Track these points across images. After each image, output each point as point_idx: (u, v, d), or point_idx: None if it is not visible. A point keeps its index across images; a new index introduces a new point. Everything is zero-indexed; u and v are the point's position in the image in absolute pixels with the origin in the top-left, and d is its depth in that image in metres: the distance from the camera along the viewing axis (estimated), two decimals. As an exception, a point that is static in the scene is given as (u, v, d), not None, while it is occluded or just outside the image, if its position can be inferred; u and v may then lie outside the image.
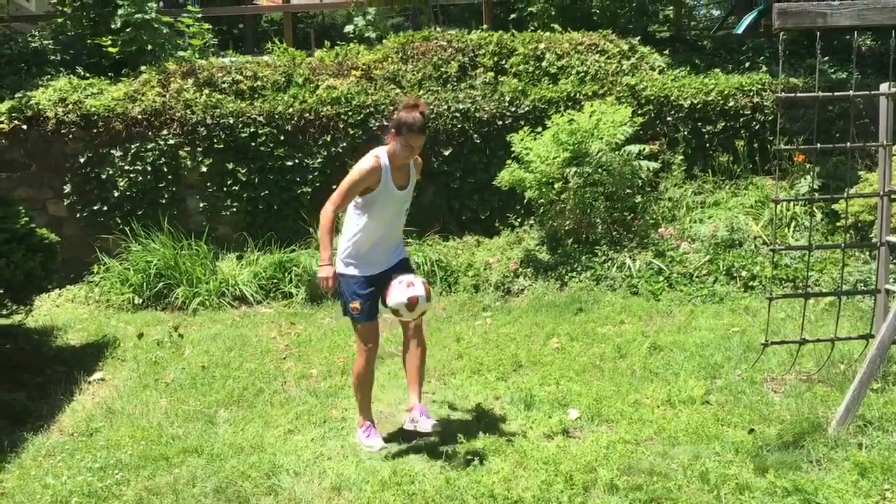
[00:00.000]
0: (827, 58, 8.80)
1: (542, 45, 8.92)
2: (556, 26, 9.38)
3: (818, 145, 4.32)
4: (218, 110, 8.24)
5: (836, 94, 4.59)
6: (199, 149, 8.22)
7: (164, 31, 9.45)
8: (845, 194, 4.83)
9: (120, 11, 8.93)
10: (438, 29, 10.00)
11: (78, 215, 8.26)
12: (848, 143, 4.50)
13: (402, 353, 4.44)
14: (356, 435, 4.37)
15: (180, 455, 4.23)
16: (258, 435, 4.46)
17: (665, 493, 3.52)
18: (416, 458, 4.10)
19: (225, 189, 8.26)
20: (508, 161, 7.74)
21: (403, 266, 4.34)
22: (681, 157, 8.18)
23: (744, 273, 6.85)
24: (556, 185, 7.44)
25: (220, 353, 6.02)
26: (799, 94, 5.00)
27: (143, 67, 8.78)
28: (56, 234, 6.28)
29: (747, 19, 11.12)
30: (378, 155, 4.10)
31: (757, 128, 8.31)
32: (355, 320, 4.24)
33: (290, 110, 8.27)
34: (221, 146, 8.20)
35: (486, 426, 4.40)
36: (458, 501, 3.58)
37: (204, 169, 8.22)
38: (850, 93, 4.39)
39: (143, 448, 4.35)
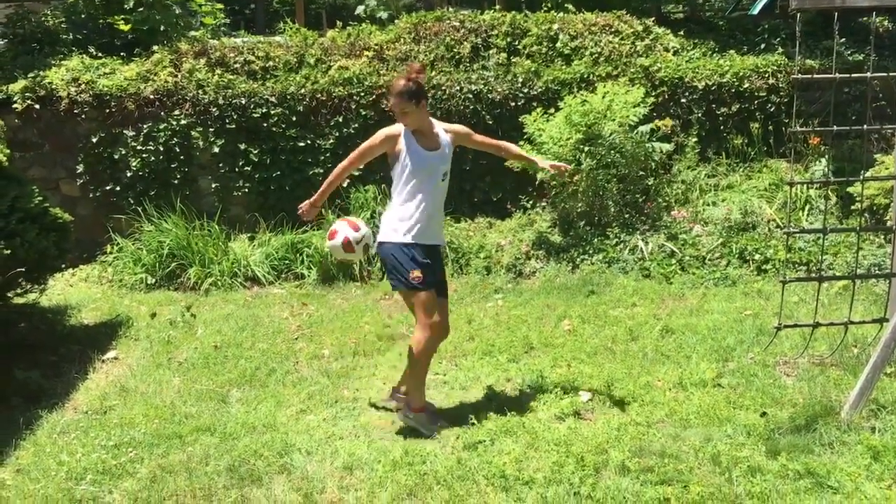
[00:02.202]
0: (843, 39, 8.70)
1: (555, 26, 8.86)
2: (570, 6, 9.31)
3: (834, 127, 4.28)
4: (230, 90, 8.23)
5: (853, 75, 4.54)
6: (212, 129, 8.22)
7: (176, 10, 9.42)
8: (861, 177, 4.78)
9: (132, -9, 8.92)
10: (451, 9, 9.94)
11: (91, 195, 8.28)
12: (864, 126, 4.44)
13: None
14: (405, 418, 4.27)
15: (193, 433, 4.26)
16: (270, 414, 4.49)
17: (676, 474, 3.52)
18: (428, 438, 4.11)
19: (237, 170, 8.27)
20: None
21: (439, 254, 4.38)
22: (694, 140, 8.12)
23: (757, 256, 6.82)
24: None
25: (233, 333, 6.04)
26: (816, 76, 4.94)
27: (155, 47, 8.77)
28: (69, 213, 6.29)
29: (763, 0, 11.00)
30: (400, 123, 4.25)
31: (772, 110, 8.24)
32: (417, 289, 4.12)
33: (302, 91, 8.25)
34: (233, 126, 8.20)
35: (498, 407, 4.40)
36: (470, 481, 3.59)
37: (216, 149, 8.22)
38: (868, 74, 4.34)
39: (157, 426, 4.39)
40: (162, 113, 8.20)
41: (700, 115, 8.28)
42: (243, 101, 8.18)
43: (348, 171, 4.32)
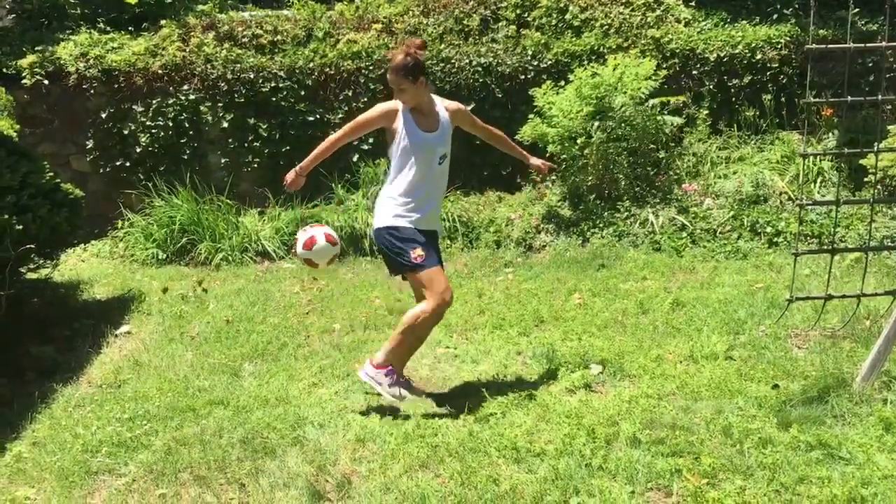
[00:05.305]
0: (857, 9, 8.58)
1: (565, -3, 8.77)
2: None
3: (848, 98, 4.22)
4: (238, 65, 8.20)
5: (867, 45, 4.47)
6: (220, 104, 8.21)
7: (184, -16, 9.37)
8: (875, 148, 4.73)
9: (139, -36, 8.87)
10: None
11: (101, 171, 8.30)
12: (879, 96, 4.39)
13: None
14: (367, 376, 4.14)
15: (207, 407, 4.29)
16: (283, 388, 4.51)
17: (688, 446, 3.53)
18: (440, 411, 4.13)
19: (246, 145, 8.26)
20: (531, 115, 7.67)
21: (436, 239, 4.27)
22: (706, 112, 8.06)
23: (768, 229, 6.78)
24: (578, 140, 7.37)
25: (244, 307, 6.07)
26: (830, 46, 4.88)
27: (163, 21, 8.74)
28: (80, 189, 6.31)
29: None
30: (397, 100, 4.11)
31: (784, 81, 8.16)
32: (421, 268, 3.99)
33: (311, 65, 8.22)
34: (242, 101, 8.18)
35: (509, 381, 4.42)
36: (482, 454, 3.60)
37: (225, 124, 8.21)
38: (883, 44, 4.28)
39: (171, 399, 4.42)
40: (171, 88, 8.19)
41: (711, 86, 8.20)
42: (252, 76, 8.16)
43: (340, 143, 4.17)
